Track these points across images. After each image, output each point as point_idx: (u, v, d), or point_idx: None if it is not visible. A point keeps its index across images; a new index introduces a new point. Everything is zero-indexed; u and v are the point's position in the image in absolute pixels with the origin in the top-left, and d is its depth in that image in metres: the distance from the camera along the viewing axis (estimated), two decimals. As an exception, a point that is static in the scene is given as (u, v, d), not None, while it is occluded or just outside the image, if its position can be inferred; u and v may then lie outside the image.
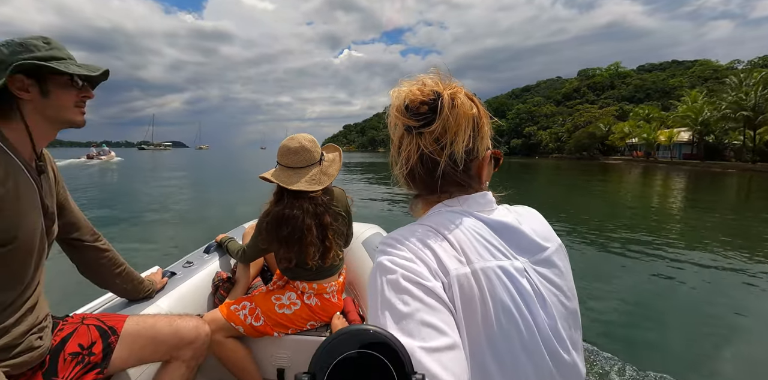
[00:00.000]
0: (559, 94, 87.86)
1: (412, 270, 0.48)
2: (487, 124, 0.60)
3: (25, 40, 0.90)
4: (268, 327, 1.46)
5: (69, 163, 32.41)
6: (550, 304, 0.54)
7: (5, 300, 0.90)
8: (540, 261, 0.57)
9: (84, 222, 1.23)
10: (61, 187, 1.13)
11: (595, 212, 9.18)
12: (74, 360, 1.04)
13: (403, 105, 0.58)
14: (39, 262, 0.99)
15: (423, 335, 0.42)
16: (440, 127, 0.55)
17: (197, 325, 1.24)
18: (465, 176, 0.60)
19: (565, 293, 0.58)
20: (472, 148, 0.59)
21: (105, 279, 1.32)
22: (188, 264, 1.83)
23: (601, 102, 73.28)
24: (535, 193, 13.62)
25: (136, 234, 6.40)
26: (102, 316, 1.17)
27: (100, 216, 7.85)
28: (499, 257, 0.53)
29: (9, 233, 0.86)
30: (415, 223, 0.58)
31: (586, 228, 6.76)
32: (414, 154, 0.58)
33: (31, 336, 0.95)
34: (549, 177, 23.21)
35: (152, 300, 1.47)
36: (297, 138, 1.48)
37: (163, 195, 11.80)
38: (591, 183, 17.98)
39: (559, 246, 0.63)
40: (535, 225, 0.62)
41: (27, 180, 0.92)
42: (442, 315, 0.45)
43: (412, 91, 0.57)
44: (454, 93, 0.57)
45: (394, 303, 0.45)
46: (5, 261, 0.88)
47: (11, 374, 0.91)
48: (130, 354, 1.12)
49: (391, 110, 0.60)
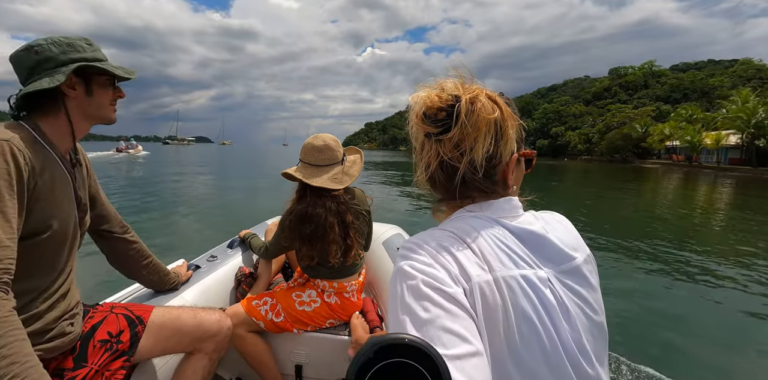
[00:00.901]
0: (589, 94, 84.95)
1: (432, 275, 0.47)
2: (512, 127, 0.57)
3: (72, 40, 0.96)
4: (288, 324, 1.49)
5: (97, 155, 34.36)
6: (574, 316, 0.53)
7: (39, 286, 0.95)
8: (566, 272, 0.56)
9: (114, 214, 1.28)
10: (93, 180, 1.19)
11: (636, 223, 8.24)
12: (103, 347, 1.08)
13: (422, 111, 0.57)
14: (72, 251, 1.04)
15: (444, 342, 0.41)
16: (458, 133, 0.55)
17: (220, 319, 1.27)
18: (487, 182, 0.59)
19: (591, 305, 0.56)
20: (494, 154, 0.57)
21: (132, 270, 1.37)
22: (212, 259, 1.87)
23: (636, 102, 70.41)
24: (562, 198, 12.74)
25: (161, 228, 6.63)
26: (130, 306, 1.21)
27: (127, 207, 8.18)
28: (522, 266, 0.52)
29: (45, 223, 0.91)
30: (437, 228, 0.58)
31: (625, 240, 6.16)
32: (434, 160, 0.58)
33: (63, 322, 1.00)
34: (579, 181, 21.97)
35: (177, 292, 1.52)
36: (322, 137, 1.51)
37: (186, 189, 12.20)
38: (626, 189, 16.21)
39: (588, 257, 0.61)
40: (562, 234, 0.60)
41: (62, 172, 0.97)
42: (464, 322, 0.44)
43: (430, 97, 0.57)
44: (474, 97, 0.55)
45: (414, 309, 0.45)
46: (40, 249, 0.92)
47: (44, 357, 0.96)
48: (155, 343, 1.16)
49: (410, 116, 0.59)
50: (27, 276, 0.90)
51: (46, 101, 0.94)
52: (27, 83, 0.92)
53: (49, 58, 0.92)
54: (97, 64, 0.96)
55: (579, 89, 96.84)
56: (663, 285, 4.24)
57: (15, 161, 0.83)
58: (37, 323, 0.93)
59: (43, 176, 0.90)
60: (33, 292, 0.93)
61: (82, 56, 0.96)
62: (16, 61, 0.94)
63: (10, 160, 0.82)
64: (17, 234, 0.82)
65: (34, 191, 0.88)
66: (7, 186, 0.80)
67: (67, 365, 1.02)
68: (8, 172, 0.81)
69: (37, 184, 0.89)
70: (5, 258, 0.77)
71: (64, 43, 0.94)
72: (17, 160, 0.83)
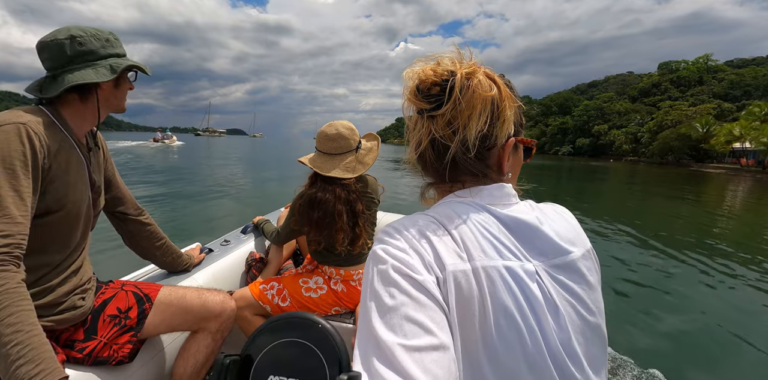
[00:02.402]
0: (635, 90, 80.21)
1: (403, 261, 0.46)
2: (510, 108, 0.54)
3: (107, 35, 1.03)
4: (294, 309, 1.51)
5: (137, 144, 37.69)
6: (564, 314, 0.49)
7: (52, 262, 1.01)
8: (558, 266, 0.52)
9: (129, 197, 1.35)
10: (110, 165, 1.25)
11: (698, 240, 6.53)
12: (112, 322, 1.14)
13: (415, 86, 0.55)
14: (85, 230, 1.10)
15: (405, 331, 0.40)
16: (451, 109, 0.52)
17: (224, 300, 1.31)
18: (480, 165, 0.56)
19: (585, 304, 0.52)
20: (489, 134, 0.54)
21: (146, 251, 1.44)
22: (225, 243, 1.94)
23: (693, 99, 65.61)
24: (602, 205, 11.07)
25: (182, 211, 6.99)
26: (139, 284, 1.27)
27: (151, 193, 8.61)
28: (507, 256, 0.49)
29: (58, 202, 0.97)
30: (419, 213, 0.56)
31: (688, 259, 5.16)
32: (425, 138, 0.56)
33: (74, 296, 1.06)
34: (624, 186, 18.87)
35: (189, 274, 1.58)
36: (335, 125, 1.52)
37: (212, 178, 12.69)
38: (686, 198, 13.47)
39: (587, 253, 0.57)
40: (559, 226, 0.56)
41: (77, 156, 1.04)
42: (429, 312, 0.42)
43: (425, 71, 0.54)
44: (471, 72, 0.52)
45: (381, 294, 0.44)
46: (54, 227, 0.99)
47: (55, 328, 1.03)
48: (161, 321, 1.21)
49: (403, 91, 0.57)
50: (40, 252, 0.96)
51: (75, 90, 1.00)
52: (61, 71, 0.97)
53: (92, 51, 0.99)
54: (138, 64, 1.07)
55: (622, 85, 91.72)
56: (711, 311, 3.59)
57: (31, 143, 0.88)
58: (49, 296, 0.99)
59: (58, 158, 0.97)
60: (46, 267, 0.99)
61: (116, 52, 1.05)
62: (55, 48, 0.97)
63: (26, 142, 0.88)
64: (31, 212, 0.87)
65: (49, 172, 0.94)
66: (22, 166, 0.86)
67: (78, 336, 1.09)
68: (24, 153, 0.87)
69: (51, 166, 0.95)
70: (18, 234, 0.82)
71: (103, 38, 1.02)
72: (33, 142, 0.89)
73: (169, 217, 6.47)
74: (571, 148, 75.40)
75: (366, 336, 0.42)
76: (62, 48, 0.97)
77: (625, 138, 64.16)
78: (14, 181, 0.84)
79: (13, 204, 0.83)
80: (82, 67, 0.98)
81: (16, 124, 0.88)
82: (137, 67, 1.08)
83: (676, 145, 49.40)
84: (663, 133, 52.10)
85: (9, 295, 0.76)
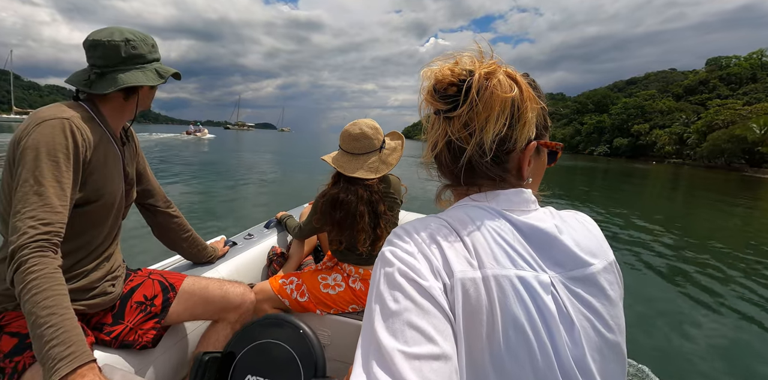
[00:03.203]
0: (680, 87, 75.63)
1: (410, 265, 0.45)
2: (531, 110, 0.52)
3: (152, 41, 1.10)
4: (312, 304, 1.54)
5: (173, 136, 40.69)
6: (579, 329, 0.47)
7: (87, 248, 1.07)
8: (576, 278, 0.50)
9: (158, 190, 1.42)
10: (141, 158, 1.32)
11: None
12: (138, 308, 1.21)
13: (432, 86, 0.54)
14: (117, 220, 1.17)
15: (407, 338, 0.39)
16: (468, 111, 0.51)
17: (243, 292, 1.36)
18: (498, 169, 0.54)
19: (604, 320, 0.50)
20: (508, 137, 0.52)
21: (173, 242, 1.51)
22: (249, 237, 2.00)
23: (746, 97, 60.98)
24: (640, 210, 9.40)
25: (209, 204, 7.24)
26: (165, 273, 1.34)
27: (181, 184, 8.95)
28: (521, 266, 0.47)
29: (96, 193, 1.03)
30: (432, 216, 0.55)
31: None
32: (441, 139, 0.54)
33: (105, 283, 1.13)
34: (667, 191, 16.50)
35: (213, 266, 1.64)
36: (359, 124, 1.52)
37: (239, 171, 13.06)
38: (737, 207, 11.51)
39: (609, 265, 0.54)
40: (581, 236, 0.54)
41: (114, 149, 1.10)
42: (433, 320, 0.41)
43: (442, 71, 0.53)
44: (490, 72, 0.51)
45: (385, 298, 0.43)
46: (91, 216, 1.05)
47: (87, 312, 1.10)
48: (184, 309, 1.27)
49: (420, 90, 0.56)
50: (76, 239, 1.03)
51: (122, 90, 1.05)
52: (111, 70, 1.03)
53: (141, 55, 1.07)
54: (177, 71, 1.16)
55: (664, 83, 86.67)
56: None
57: (73, 137, 0.94)
58: (82, 281, 1.06)
59: (98, 152, 1.03)
60: (80, 253, 1.06)
61: (157, 56, 1.13)
62: (111, 48, 1.02)
63: (69, 136, 0.94)
64: (70, 202, 0.94)
65: (89, 165, 1.00)
66: (65, 159, 0.92)
67: (107, 320, 1.16)
68: (66, 146, 0.93)
69: (91, 159, 1.01)
70: (57, 222, 0.88)
71: (150, 43, 1.09)
72: (75, 137, 0.95)
73: (195, 209, 6.74)
74: (608, 148, 72.12)
75: (368, 339, 0.42)
76: (117, 49, 1.02)
77: (669, 138, 60.20)
78: (57, 173, 0.90)
79: (54, 194, 0.89)
80: (131, 68, 1.05)
81: (60, 119, 0.94)
82: (176, 74, 1.17)
83: (729, 148, 45.32)
84: (713, 134, 47.92)
85: (47, 279, 0.82)
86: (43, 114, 0.95)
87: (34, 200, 0.87)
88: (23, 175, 0.88)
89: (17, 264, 0.82)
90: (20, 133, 0.93)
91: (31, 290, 0.80)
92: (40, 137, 0.91)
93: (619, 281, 0.55)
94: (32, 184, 0.88)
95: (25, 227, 0.84)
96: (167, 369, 1.29)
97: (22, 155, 0.90)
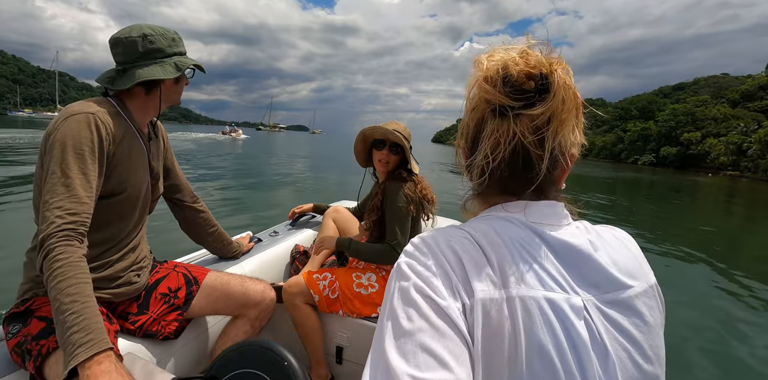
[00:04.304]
0: (736, 93, 70.25)
1: (427, 281, 0.42)
2: (582, 115, 0.49)
3: (173, 35, 1.11)
4: (339, 304, 1.54)
5: (210, 136, 44.05)
6: (614, 360, 0.42)
7: (112, 239, 1.11)
8: (612, 302, 0.45)
9: (186, 185, 1.46)
10: (169, 154, 1.36)
11: None
12: (162, 300, 1.24)
13: (500, 76, 0.46)
14: (143, 212, 1.21)
15: (418, 362, 0.36)
16: (547, 111, 0.44)
17: (264, 290, 1.37)
18: (547, 179, 0.50)
19: (642, 350, 0.44)
20: (571, 143, 0.49)
21: (199, 236, 1.55)
22: (274, 234, 2.03)
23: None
24: (688, 228, 8.46)
25: (238, 200, 7.43)
26: (190, 267, 1.37)
27: (213, 181, 9.28)
28: (551, 286, 0.42)
29: (120, 185, 1.07)
30: (454, 226, 0.50)
31: None
32: (507, 144, 0.46)
33: (130, 273, 1.16)
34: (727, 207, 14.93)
35: (237, 261, 1.67)
36: (390, 124, 1.62)
37: (269, 170, 13.41)
38: None
39: (650, 288, 0.48)
40: (619, 255, 0.49)
41: (139, 144, 1.14)
42: (448, 343, 0.38)
43: (515, 60, 0.46)
44: (565, 69, 0.46)
45: (398, 315, 0.40)
46: (116, 208, 1.09)
47: (112, 301, 1.13)
48: (206, 303, 1.29)
49: (472, 82, 0.49)
50: (102, 230, 1.07)
51: (143, 84, 1.09)
52: (131, 65, 1.07)
53: (160, 50, 1.09)
54: (197, 63, 1.16)
55: (715, 88, 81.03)
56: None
57: (98, 131, 0.99)
58: (108, 270, 1.10)
59: (122, 146, 1.07)
60: (106, 244, 1.10)
61: (179, 50, 1.13)
62: (129, 44, 1.06)
63: (94, 130, 0.98)
64: (96, 193, 0.97)
65: (113, 158, 1.04)
66: (90, 152, 0.96)
67: (132, 310, 1.20)
68: (91, 140, 0.97)
69: (116, 152, 1.05)
70: (83, 213, 0.92)
71: (169, 37, 1.11)
72: (100, 131, 0.99)
73: (222, 204, 6.98)
74: (654, 157, 68.30)
75: (377, 357, 0.39)
76: (135, 45, 1.06)
77: (725, 148, 55.74)
78: (83, 165, 0.94)
79: (80, 185, 0.93)
80: (150, 63, 1.07)
81: (86, 114, 0.98)
82: (197, 66, 1.18)
83: (796, 161, 41.70)
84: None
85: (71, 267, 0.85)
86: (71, 109, 1.00)
87: (61, 191, 0.91)
88: (51, 166, 0.93)
89: (45, 252, 0.85)
90: (50, 127, 0.98)
91: (57, 277, 0.83)
92: (67, 131, 0.95)
93: (661, 306, 0.50)
94: (59, 175, 0.92)
95: (52, 217, 0.88)
96: (187, 361, 1.31)
97: (51, 148, 0.94)
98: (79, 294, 0.83)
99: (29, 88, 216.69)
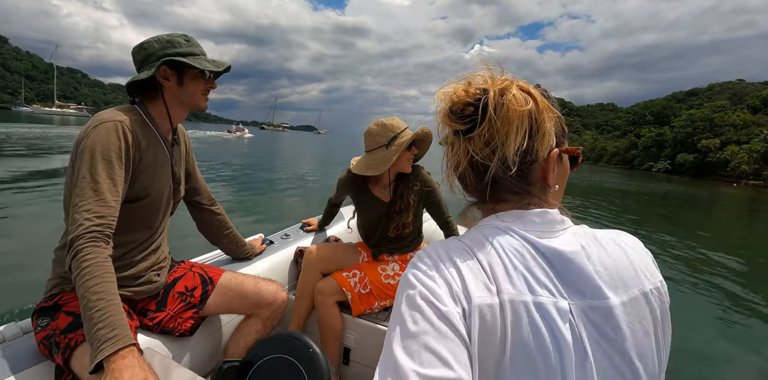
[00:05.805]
0: (757, 99, 68.25)
1: (430, 289, 0.47)
2: (549, 120, 0.53)
3: (172, 37, 1.15)
4: (372, 297, 1.61)
5: (216, 134, 46.46)
6: (592, 363, 0.45)
7: (136, 241, 1.19)
8: (596, 308, 0.48)
9: (205, 189, 1.53)
10: (191, 158, 1.43)
11: None
12: (179, 298, 1.31)
13: (448, 107, 0.56)
14: (165, 215, 1.28)
15: (423, 360, 0.41)
16: (488, 129, 0.52)
17: (276, 290, 1.44)
18: (521, 183, 0.55)
19: (627, 357, 0.47)
20: (530, 149, 0.53)
21: (215, 237, 1.63)
22: (285, 237, 2.10)
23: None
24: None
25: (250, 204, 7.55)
26: (206, 267, 1.44)
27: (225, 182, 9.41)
28: (538, 292, 0.47)
29: (145, 190, 1.14)
30: (454, 238, 0.57)
31: None
32: (463, 159, 0.56)
33: (151, 272, 1.24)
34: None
35: (250, 262, 1.74)
36: (374, 122, 1.65)
37: (277, 171, 13.52)
38: None
39: (642, 296, 0.50)
40: (610, 261, 0.52)
41: (163, 150, 1.20)
42: (449, 344, 0.43)
43: (456, 92, 0.55)
44: (503, 89, 0.53)
45: (405, 319, 0.45)
46: (140, 212, 1.16)
47: (133, 298, 1.21)
48: (221, 302, 1.36)
49: (437, 114, 0.58)
50: (127, 232, 1.14)
51: (149, 90, 1.16)
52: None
53: (151, 54, 1.12)
54: (179, 58, 1.09)
55: (730, 94, 79.25)
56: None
57: (125, 138, 1.05)
58: (131, 270, 1.17)
59: (148, 152, 1.13)
60: (130, 245, 1.17)
61: (177, 51, 1.11)
62: (133, 56, 1.16)
63: (121, 137, 1.04)
64: (122, 197, 1.04)
65: (139, 164, 1.11)
66: (117, 158, 1.03)
67: (151, 307, 1.27)
68: (119, 147, 1.04)
69: (142, 159, 1.11)
70: (109, 216, 0.99)
71: (165, 40, 1.12)
72: (127, 138, 1.06)
73: (242, 207, 7.13)
74: (669, 164, 66.59)
75: (387, 357, 0.44)
76: (136, 56, 1.15)
77: (748, 157, 53.52)
78: (110, 170, 1.01)
79: (107, 190, 0.99)
80: (145, 68, 1.12)
81: (114, 122, 1.05)
82: (179, 62, 1.10)
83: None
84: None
85: (98, 267, 0.91)
86: (101, 116, 1.07)
87: (90, 195, 0.97)
88: (81, 172, 0.99)
89: (74, 252, 0.92)
90: (82, 134, 1.05)
91: (84, 276, 0.89)
92: (97, 138, 1.02)
93: (659, 315, 0.51)
94: (89, 180, 0.98)
95: (81, 219, 0.95)
96: (202, 357, 1.38)
97: (81, 154, 1.01)
98: (104, 293, 0.89)
99: (41, 84, 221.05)
